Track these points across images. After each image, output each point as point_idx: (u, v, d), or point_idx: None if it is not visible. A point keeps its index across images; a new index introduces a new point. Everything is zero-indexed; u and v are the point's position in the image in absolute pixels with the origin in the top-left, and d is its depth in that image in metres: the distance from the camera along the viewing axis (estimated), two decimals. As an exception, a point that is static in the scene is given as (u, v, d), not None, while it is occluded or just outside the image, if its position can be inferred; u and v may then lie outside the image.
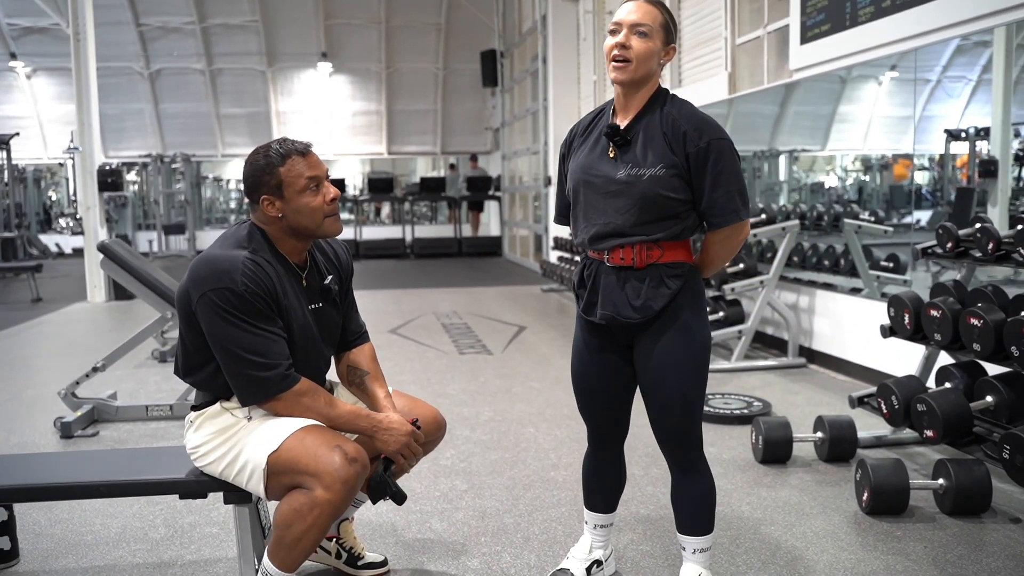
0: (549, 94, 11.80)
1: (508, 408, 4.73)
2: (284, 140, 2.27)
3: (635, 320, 2.22)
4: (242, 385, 2.19)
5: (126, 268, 4.45)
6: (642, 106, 2.22)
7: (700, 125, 2.17)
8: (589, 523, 2.56)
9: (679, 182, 2.16)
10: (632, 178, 2.16)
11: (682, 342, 2.23)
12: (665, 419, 2.28)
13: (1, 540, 2.77)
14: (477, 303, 9.21)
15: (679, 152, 2.15)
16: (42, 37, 16.49)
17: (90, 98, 9.53)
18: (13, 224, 13.50)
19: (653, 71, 2.21)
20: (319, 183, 2.25)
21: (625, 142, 2.20)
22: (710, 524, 2.37)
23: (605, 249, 2.23)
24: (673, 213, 2.19)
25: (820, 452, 3.73)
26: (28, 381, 5.62)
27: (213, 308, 2.13)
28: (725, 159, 2.16)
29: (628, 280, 2.22)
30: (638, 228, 2.19)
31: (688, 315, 2.24)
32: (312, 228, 2.27)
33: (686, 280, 2.23)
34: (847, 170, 9.64)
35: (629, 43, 2.15)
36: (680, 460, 2.34)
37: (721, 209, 2.18)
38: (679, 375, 2.23)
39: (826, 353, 5.59)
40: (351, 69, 17.69)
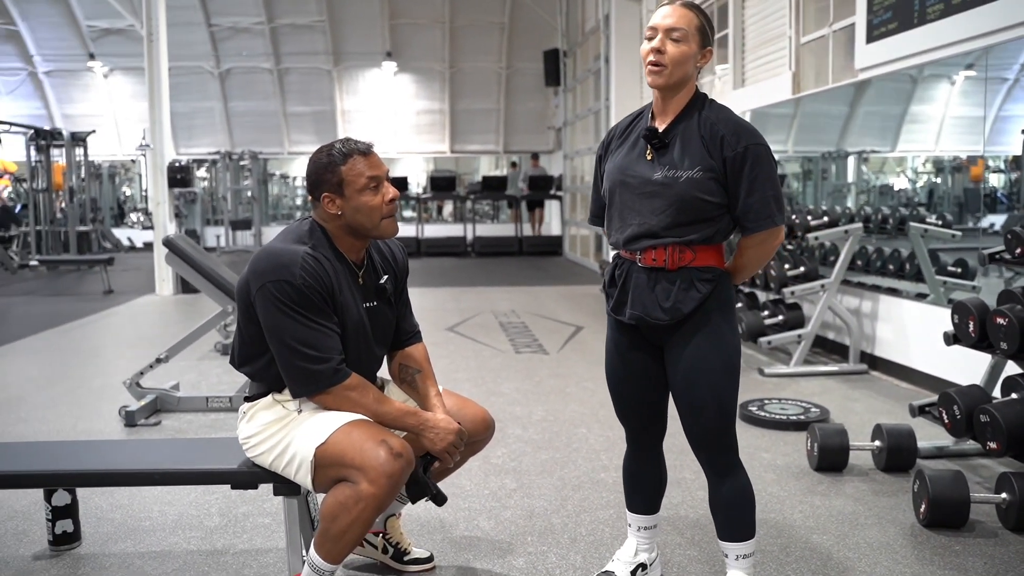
0: (611, 94, 11.74)
1: (561, 408, 4.72)
2: (347, 140, 2.31)
3: (663, 321, 2.22)
4: (294, 376, 2.23)
5: (189, 262, 4.56)
6: (680, 110, 2.24)
7: (738, 130, 2.18)
8: (632, 525, 2.55)
9: (715, 185, 2.18)
10: (669, 180, 2.18)
11: (712, 346, 2.22)
12: (697, 423, 2.27)
13: (64, 523, 2.87)
14: (536, 302, 9.21)
15: (716, 156, 2.17)
16: (119, 38, 17.03)
17: (162, 97, 9.80)
18: (88, 218, 13.96)
19: (689, 75, 2.22)
20: (379, 183, 2.29)
21: (663, 145, 2.22)
22: (750, 529, 2.34)
23: (638, 249, 2.24)
24: (708, 216, 2.20)
25: (878, 461, 3.64)
26: (97, 370, 5.81)
27: (271, 299, 2.18)
28: (762, 164, 2.17)
29: (659, 281, 2.23)
30: (672, 230, 2.20)
31: (717, 319, 2.24)
32: (369, 227, 2.30)
33: (716, 285, 2.23)
34: (918, 172, 9.39)
35: (664, 48, 2.17)
36: (715, 464, 2.32)
37: (756, 214, 2.19)
38: (710, 378, 2.23)
39: (889, 360, 5.45)
40: (415, 68, 17.86)
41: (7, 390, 5.21)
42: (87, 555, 2.85)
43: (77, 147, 13.65)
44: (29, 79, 18.15)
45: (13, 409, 4.75)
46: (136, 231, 18.12)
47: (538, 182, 16.31)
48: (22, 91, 18.23)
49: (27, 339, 7.06)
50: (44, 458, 2.62)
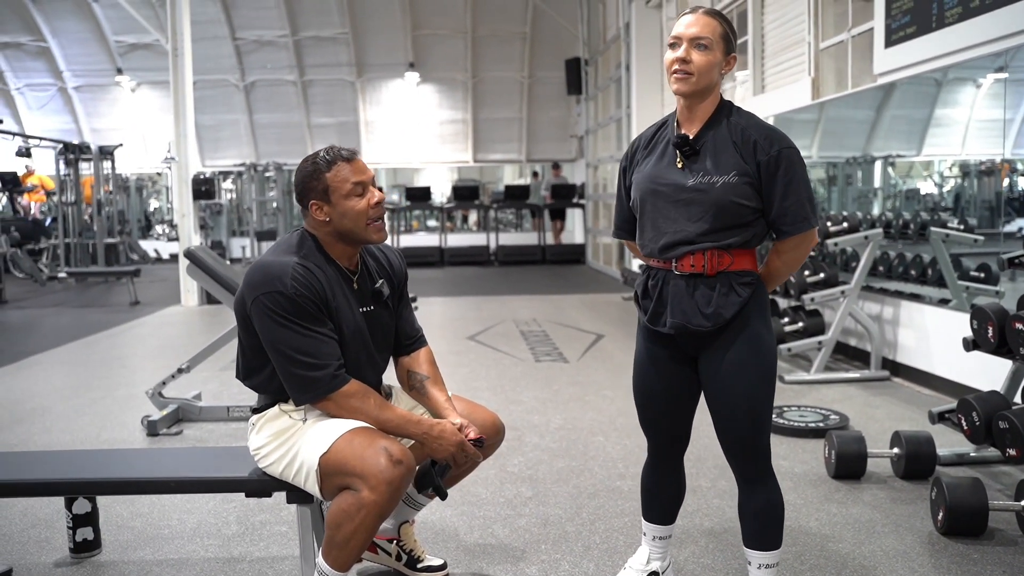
0: (632, 101, 11.75)
1: (579, 416, 4.72)
2: (331, 148, 2.36)
3: (705, 328, 2.20)
4: (293, 385, 2.27)
5: (210, 274, 4.62)
6: (708, 117, 2.24)
7: (770, 134, 2.20)
8: (647, 534, 2.55)
9: (750, 190, 2.18)
10: (704, 186, 2.18)
11: (751, 351, 2.22)
12: (732, 429, 2.26)
13: (84, 530, 2.92)
14: (557, 311, 9.22)
15: (750, 161, 2.18)
16: (146, 52, 17.26)
17: (186, 110, 9.94)
18: (116, 231, 14.15)
19: (715, 82, 2.23)
20: (364, 188, 2.33)
21: (694, 152, 2.22)
22: (777, 539, 2.31)
23: (674, 257, 2.23)
24: (744, 221, 2.20)
25: (896, 469, 3.61)
26: (122, 380, 5.89)
27: (265, 311, 2.22)
28: (795, 167, 2.19)
29: (698, 287, 2.22)
30: (709, 236, 2.19)
31: (757, 324, 2.23)
32: (357, 232, 2.34)
33: (755, 289, 2.23)
34: (944, 176, 9.29)
35: (689, 57, 2.17)
36: (747, 472, 2.30)
37: (792, 217, 2.19)
38: (747, 384, 2.22)
39: (911, 366, 5.40)
40: (438, 78, 17.95)
41: (33, 400, 5.30)
42: (107, 562, 2.89)
43: (105, 160, 13.85)
44: (59, 94, 18.45)
45: (39, 419, 4.83)
46: (162, 243, 18.33)
47: (560, 191, 16.32)
48: (52, 106, 18.55)
49: (55, 350, 7.17)
50: (63, 467, 2.66)
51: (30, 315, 9.61)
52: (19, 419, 4.84)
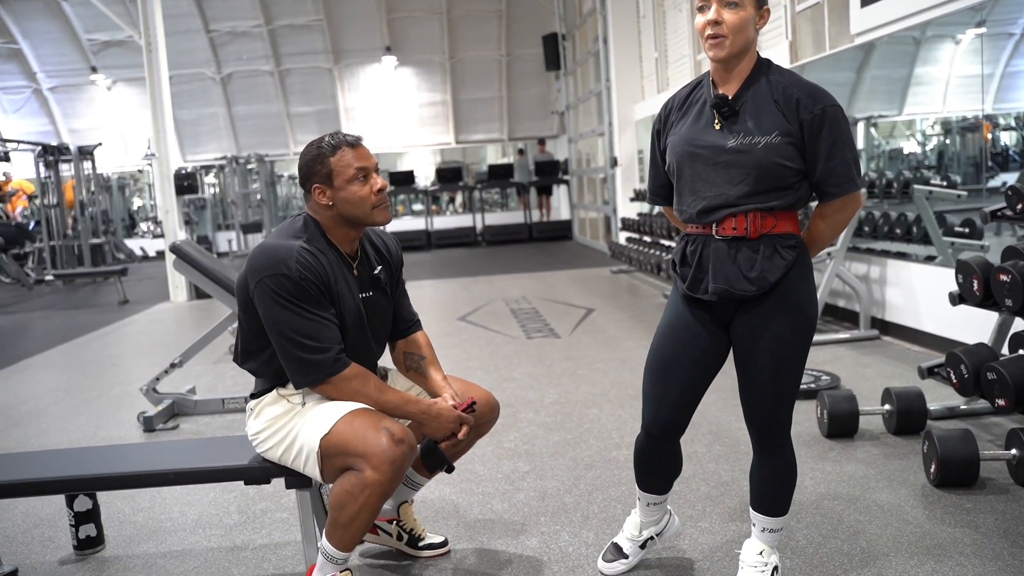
0: (611, 74, 11.72)
1: (573, 390, 4.75)
2: (336, 133, 2.36)
3: (750, 293, 2.12)
4: (294, 367, 2.28)
5: (197, 267, 4.61)
6: (746, 76, 2.14)
7: (813, 92, 2.09)
8: (642, 500, 2.53)
9: (793, 150, 2.09)
10: (746, 147, 2.08)
11: (790, 321, 2.14)
12: (758, 399, 2.21)
13: (87, 527, 2.93)
14: (546, 287, 9.24)
15: (792, 120, 2.08)
16: (119, 50, 17.12)
17: (164, 106, 9.86)
18: (100, 231, 14.08)
19: (751, 40, 2.11)
20: (367, 174, 2.33)
21: (733, 112, 2.12)
22: (785, 506, 2.32)
23: (715, 221, 2.14)
24: (787, 183, 2.11)
25: (888, 425, 3.65)
26: (116, 379, 5.89)
27: (269, 293, 2.23)
28: (840, 126, 2.09)
29: (740, 250, 2.13)
30: (751, 198, 2.11)
31: (801, 291, 2.16)
32: (361, 216, 2.35)
33: (799, 253, 2.15)
34: (926, 134, 9.32)
35: (721, 17, 2.06)
36: (764, 439, 2.27)
37: (839, 178, 2.10)
38: (779, 355, 2.15)
39: (900, 324, 5.44)
40: (415, 61, 17.88)
41: (29, 403, 5.30)
42: (111, 557, 2.91)
43: (85, 161, 13.74)
44: (34, 96, 18.29)
45: (34, 422, 4.83)
46: (148, 240, 18.25)
47: (545, 167, 16.30)
48: (28, 109, 18.38)
49: (46, 353, 7.15)
50: (62, 465, 2.67)
51: (19, 319, 9.57)
52: (15, 423, 4.84)
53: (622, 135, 11.63)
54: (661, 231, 8.68)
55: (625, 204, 11.37)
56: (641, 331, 6.34)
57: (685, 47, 9.47)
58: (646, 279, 9.35)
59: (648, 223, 9.11)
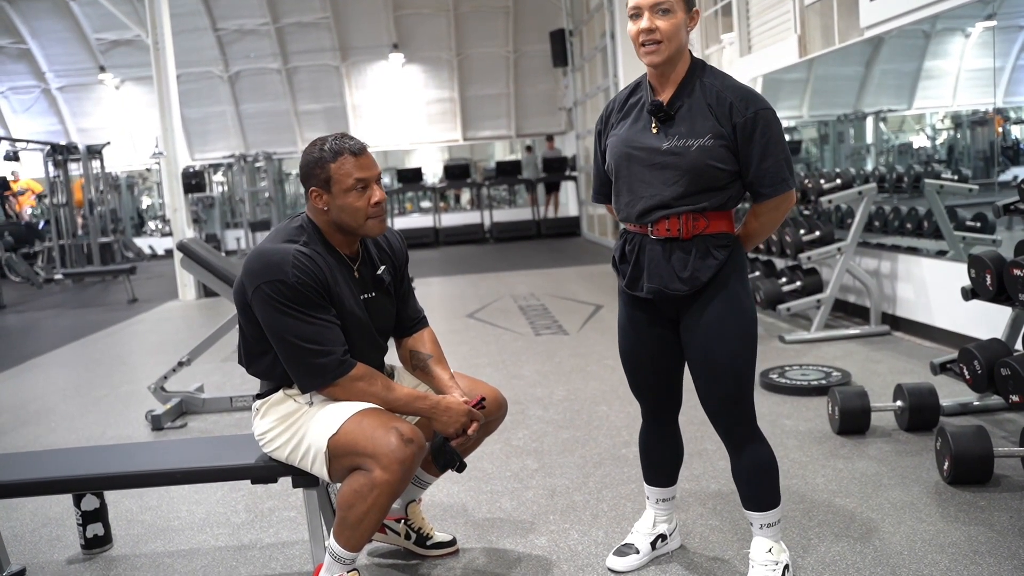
0: (619, 69, 11.66)
1: (582, 387, 4.73)
2: (342, 137, 2.31)
3: (683, 292, 2.20)
4: (300, 373, 2.26)
5: (204, 265, 4.60)
6: (680, 79, 2.20)
7: (745, 96, 2.16)
8: (651, 498, 2.57)
9: (726, 152, 2.15)
10: (679, 149, 2.15)
11: (729, 313, 2.21)
12: (714, 392, 2.26)
13: (94, 526, 2.93)
14: (555, 284, 9.21)
15: (725, 123, 2.14)
16: (127, 49, 17.12)
17: (171, 104, 9.86)
18: (109, 230, 14.11)
19: (684, 43, 2.18)
20: (367, 185, 2.29)
21: (668, 117, 2.19)
22: (774, 498, 2.32)
23: (650, 222, 2.21)
24: (719, 184, 2.18)
25: (900, 421, 3.61)
26: (124, 377, 5.89)
27: (267, 300, 2.20)
28: (772, 129, 2.15)
29: (674, 252, 2.21)
30: (685, 199, 2.17)
31: (735, 286, 2.23)
32: (353, 227, 2.31)
33: (732, 251, 2.22)
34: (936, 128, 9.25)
35: (654, 25, 2.11)
36: (733, 434, 2.31)
37: (771, 179, 2.17)
38: (727, 345, 2.22)
39: (911, 319, 5.40)
40: (422, 58, 17.83)
41: (37, 402, 5.30)
42: (119, 557, 2.90)
43: (94, 160, 13.76)
44: (43, 96, 18.32)
45: (43, 421, 4.83)
46: (156, 239, 18.28)
47: (552, 164, 16.25)
48: (37, 108, 18.42)
49: (55, 351, 7.16)
50: (69, 464, 2.66)
51: (29, 318, 9.60)
52: (24, 421, 4.84)
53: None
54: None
55: (633, 200, 11.31)
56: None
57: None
58: (655, 275, 9.29)
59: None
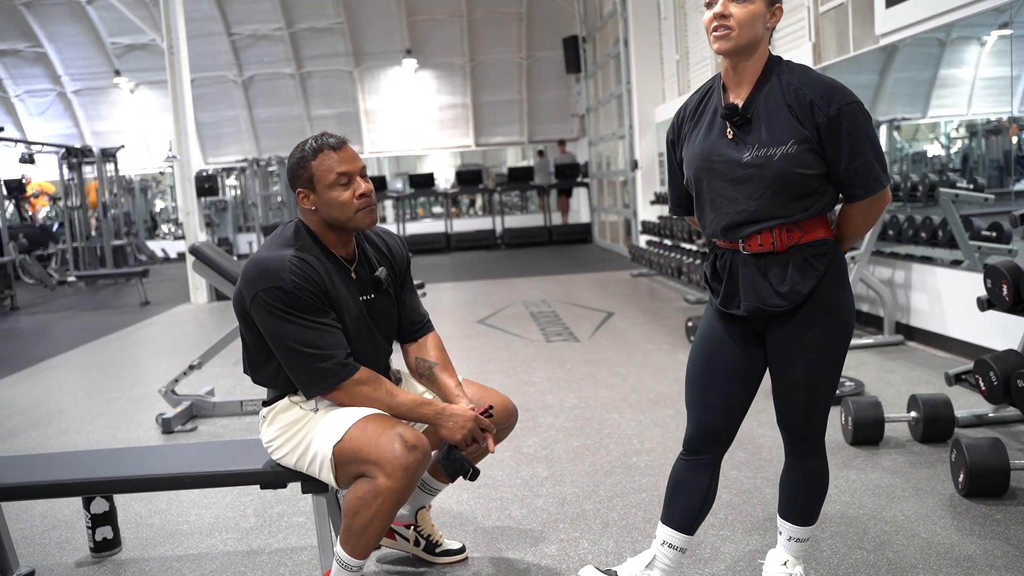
0: (632, 76, 11.67)
1: (593, 394, 4.71)
2: (322, 135, 2.32)
3: (783, 308, 2.05)
4: (303, 378, 2.25)
5: (216, 268, 4.61)
6: (756, 78, 2.04)
7: (827, 91, 1.99)
8: (660, 540, 2.27)
9: (813, 156, 1.99)
10: (761, 160, 1.99)
11: (824, 330, 2.07)
12: (792, 408, 2.15)
13: (103, 529, 2.93)
14: (566, 291, 9.19)
15: (808, 124, 1.97)
16: (143, 53, 17.24)
17: (185, 108, 9.91)
18: (123, 232, 14.18)
19: (760, 36, 2.00)
20: (350, 178, 2.29)
21: (745, 121, 2.02)
22: (814, 516, 2.26)
23: (740, 238, 2.07)
24: (810, 190, 2.02)
25: (915, 432, 3.58)
26: (136, 380, 5.90)
27: (266, 307, 2.21)
28: (859, 124, 1.98)
29: (770, 267, 2.06)
30: (775, 211, 2.02)
31: (835, 296, 2.08)
32: (344, 221, 2.31)
33: (831, 258, 2.07)
34: (951, 137, 9.20)
35: (728, 11, 1.97)
36: (796, 446, 2.21)
37: (863, 179, 2.00)
38: (813, 365, 2.08)
39: (925, 329, 5.36)
40: (435, 64, 17.89)
41: (49, 404, 5.32)
42: (128, 560, 2.90)
43: (108, 163, 13.85)
44: (58, 99, 18.47)
45: (55, 422, 4.84)
46: (169, 242, 18.37)
47: (564, 170, 16.25)
48: (52, 111, 18.57)
49: (67, 353, 7.19)
50: (78, 467, 2.66)
51: (42, 320, 9.64)
52: (35, 423, 4.85)
53: (642, 138, 11.55)
54: (681, 234, 8.62)
55: (645, 207, 11.30)
56: (662, 335, 6.28)
57: (706, 49, 9.39)
58: (666, 283, 9.28)
59: (668, 226, 9.04)
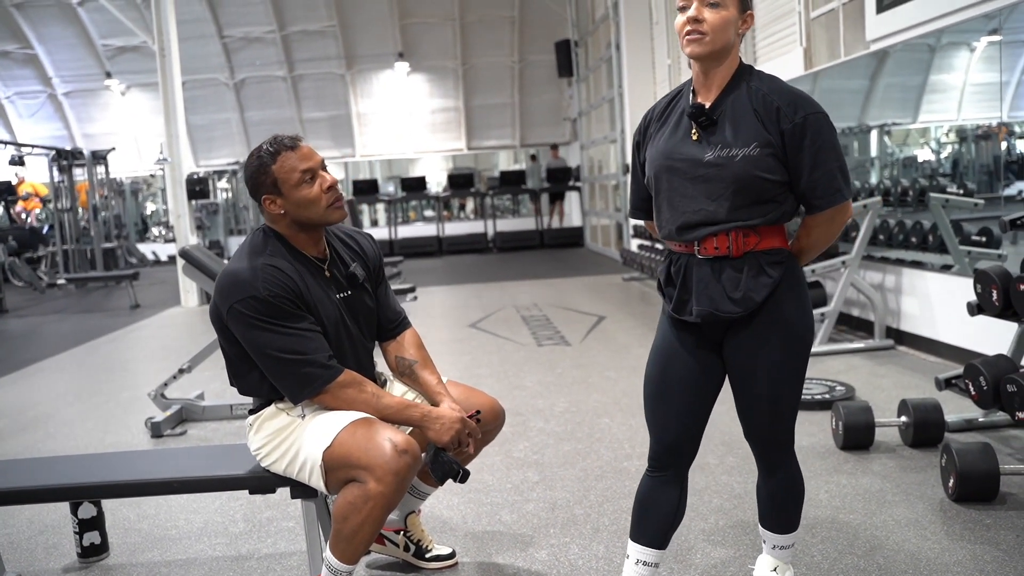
0: (624, 80, 11.68)
1: (584, 399, 4.70)
2: (275, 139, 2.32)
3: (735, 314, 2.02)
4: (287, 385, 2.24)
5: (206, 272, 4.60)
6: (726, 83, 2.04)
7: (794, 99, 1.99)
8: (631, 556, 2.21)
9: (774, 162, 1.98)
10: (723, 160, 1.98)
11: (780, 337, 2.04)
12: (757, 418, 2.13)
13: (91, 535, 2.91)
14: (558, 294, 9.19)
15: (773, 130, 1.97)
16: (134, 55, 17.18)
17: (177, 111, 9.87)
18: (113, 235, 14.12)
19: (731, 42, 2.01)
20: (314, 174, 2.29)
21: (711, 122, 2.01)
22: (794, 522, 2.24)
23: (696, 239, 2.04)
24: (769, 196, 2.01)
25: (905, 437, 3.58)
26: (125, 383, 5.87)
27: (242, 318, 2.20)
28: (824, 135, 1.98)
29: (724, 271, 2.03)
30: (732, 214, 2.00)
31: (790, 307, 2.05)
32: (315, 218, 2.31)
33: (786, 267, 2.05)
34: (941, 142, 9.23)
35: (701, 16, 1.96)
36: (768, 456, 2.19)
37: (823, 189, 1.99)
38: (774, 373, 2.06)
39: (916, 334, 5.37)
40: (428, 67, 17.87)
41: (37, 408, 5.28)
42: (115, 566, 2.88)
43: (98, 165, 13.79)
44: (49, 101, 18.38)
45: (42, 426, 4.81)
46: (160, 245, 18.30)
47: (556, 174, 16.26)
48: (43, 113, 18.47)
49: (57, 357, 7.15)
50: (66, 472, 2.64)
51: (31, 323, 9.59)
52: (23, 427, 4.82)
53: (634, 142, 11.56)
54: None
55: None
56: (652, 339, 6.27)
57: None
58: (658, 286, 9.27)
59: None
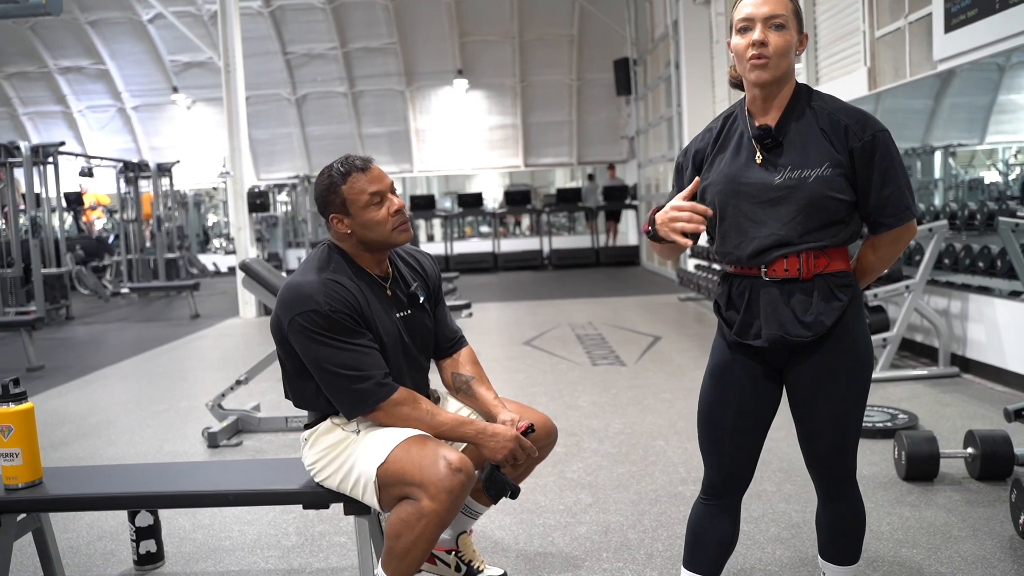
0: (683, 99, 11.61)
1: (638, 420, 4.65)
2: (346, 158, 2.34)
3: (806, 338, 1.97)
4: (342, 400, 2.26)
5: (264, 285, 4.66)
6: (785, 104, 2.01)
7: (861, 118, 1.97)
8: None
9: (844, 182, 1.95)
10: (795, 181, 1.94)
11: (846, 364, 2.00)
12: (819, 447, 2.08)
13: (147, 543, 2.95)
14: (613, 313, 9.13)
15: (842, 149, 1.95)
16: (200, 70, 17.65)
17: (240, 125, 10.09)
18: (175, 246, 14.45)
19: (792, 65, 2.00)
20: (382, 197, 2.31)
21: (777, 144, 1.98)
22: (855, 554, 2.18)
23: (765, 263, 2.00)
24: (839, 217, 1.97)
25: (971, 469, 3.46)
26: (184, 393, 5.98)
27: (303, 331, 2.22)
28: (892, 153, 1.97)
29: (793, 294, 1.98)
30: (804, 236, 1.96)
31: (856, 332, 2.01)
32: (381, 240, 2.33)
33: (853, 291, 2.01)
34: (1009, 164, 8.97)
35: (767, 39, 1.93)
36: (829, 486, 2.14)
37: (893, 208, 1.97)
38: (840, 400, 2.02)
39: (982, 362, 5.20)
40: (486, 84, 18.01)
41: (99, 414, 5.41)
42: (170, 574, 2.92)
43: (163, 177, 14.15)
44: (118, 114, 18.98)
45: (104, 433, 4.92)
46: (220, 256, 18.67)
47: (613, 192, 16.21)
48: (112, 126, 19.08)
49: (119, 364, 7.32)
50: (126, 481, 2.69)
51: (95, 330, 9.85)
52: (85, 433, 4.94)
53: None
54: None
55: (694, 230, 11.20)
56: (708, 361, 6.19)
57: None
58: (714, 307, 9.16)
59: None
